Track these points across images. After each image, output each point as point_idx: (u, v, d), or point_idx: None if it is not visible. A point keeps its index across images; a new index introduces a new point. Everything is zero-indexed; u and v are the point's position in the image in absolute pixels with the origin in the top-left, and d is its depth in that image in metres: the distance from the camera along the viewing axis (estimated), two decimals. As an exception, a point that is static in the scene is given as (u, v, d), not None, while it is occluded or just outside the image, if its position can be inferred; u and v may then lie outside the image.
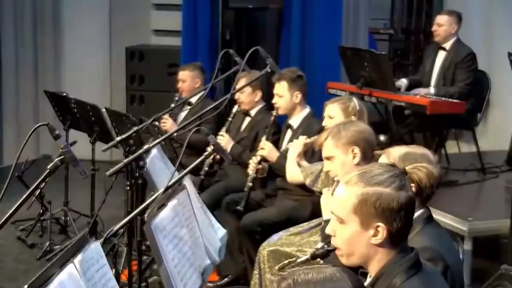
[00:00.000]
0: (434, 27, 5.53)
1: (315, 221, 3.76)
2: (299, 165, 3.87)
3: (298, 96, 4.34)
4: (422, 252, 1.96)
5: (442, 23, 5.48)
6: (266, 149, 4.25)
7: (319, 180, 3.63)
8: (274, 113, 4.40)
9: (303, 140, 3.92)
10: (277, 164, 4.22)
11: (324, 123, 3.83)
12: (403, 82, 5.56)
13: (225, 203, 4.37)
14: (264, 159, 4.28)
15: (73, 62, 7.29)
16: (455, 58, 5.42)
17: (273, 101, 4.40)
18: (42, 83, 7.04)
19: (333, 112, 3.78)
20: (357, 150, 3.00)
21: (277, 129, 4.54)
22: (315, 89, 5.45)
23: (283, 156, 4.23)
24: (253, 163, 4.27)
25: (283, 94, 4.34)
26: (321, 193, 3.46)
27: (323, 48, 6.25)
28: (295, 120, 4.38)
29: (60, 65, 7.33)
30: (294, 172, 3.86)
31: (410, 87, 5.50)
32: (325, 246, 1.97)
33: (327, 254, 2.02)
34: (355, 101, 3.75)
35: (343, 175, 2.90)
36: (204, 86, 5.03)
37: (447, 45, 5.50)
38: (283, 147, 4.36)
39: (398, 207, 1.82)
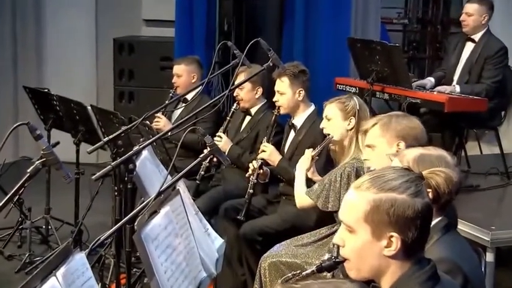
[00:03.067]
0: (463, 17, 5.50)
1: (324, 230, 3.75)
2: (313, 181, 3.82)
3: (301, 94, 4.34)
4: (439, 264, 1.95)
5: (471, 12, 5.45)
6: (267, 151, 4.25)
7: (331, 195, 3.59)
8: (275, 111, 4.40)
9: (309, 153, 3.89)
10: (279, 167, 4.22)
11: (322, 125, 3.84)
12: (429, 81, 5.51)
13: (222, 210, 4.37)
14: (265, 163, 4.28)
15: (56, 55, 7.29)
16: (486, 52, 5.37)
17: (274, 99, 4.40)
18: (22, 79, 7.05)
19: (331, 112, 3.79)
20: (402, 145, 2.99)
21: (279, 130, 4.54)
22: (321, 85, 5.46)
23: (286, 159, 4.23)
24: (253, 167, 4.27)
25: (285, 91, 4.34)
26: (336, 211, 3.46)
27: (330, 40, 6.25)
28: (298, 120, 4.38)
29: (42, 59, 7.34)
30: (304, 197, 3.75)
31: (436, 85, 5.46)
32: (333, 257, 1.97)
33: (335, 266, 2.01)
34: (355, 100, 3.76)
35: (378, 167, 2.88)
36: (201, 82, 5.02)
37: (476, 36, 5.47)
38: (286, 148, 4.36)
39: (414, 215, 1.82)
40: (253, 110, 4.83)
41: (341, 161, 3.76)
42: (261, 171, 4.26)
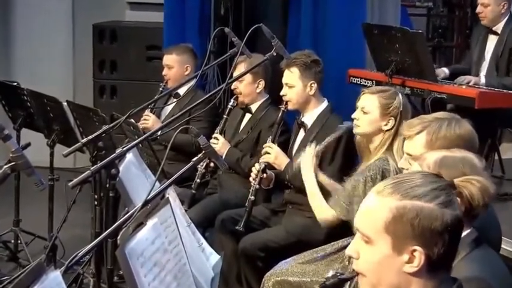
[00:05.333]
0: (479, 8, 5.54)
1: (337, 244, 3.75)
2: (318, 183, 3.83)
3: (313, 87, 4.34)
4: (468, 283, 1.96)
5: (487, 3, 5.49)
6: (272, 153, 4.26)
7: (355, 203, 3.58)
8: (282, 107, 4.40)
9: (311, 151, 3.90)
10: (286, 172, 4.22)
11: (354, 115, 3.83)
12: (443, 72, 5.55)
13: (219, 222, 4.38)
14: (269, 167, 4.28)
15: (26, 43, 7.30)
16: (510, 43, 5.41)
17: (282, 93, 4.40)
18: (-13, 71, 7.07)
19: (369, 105, 3.76)
20: None
21: (285, 129, 4.55)
22: (332, 78, 5.45)
23: (294, 162, 4.23)
24: (255, 171, 4.27)
25: (294, 84, 4.34)
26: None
27: (343, 26, 6.24)
28: (309, 117, 4.38)
29: (9, 47, 7.34)
30: (323, 208, 3.75)
31: (452, 79, 5.49)
32: (337, 274, 1.97)
33: (340, 284, 2.02)
34: (400, 99, 3.72)
35: None
36: (194, 74, 5.03)
37: (498, 28, 5.50)
38: (294, 150, 4.36)
39: (442, 228, 1.82)
40: (253, 107, 4.84)
41: (366, 160, 3.75)
42: (265, 175, 4.27)
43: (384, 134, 3.71)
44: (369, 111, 3.76)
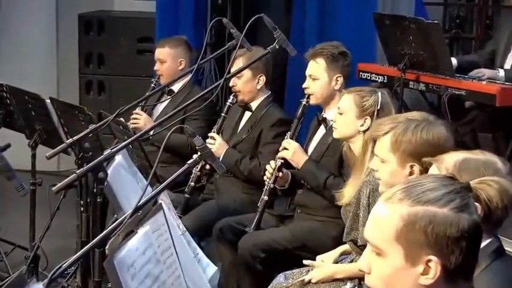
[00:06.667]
0: None
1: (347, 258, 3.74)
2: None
3: (338, 81, 4.34)
4: (490, 297, 1.96)
5: None
6: (290, 149, 4.25)
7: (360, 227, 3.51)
8: (304, 101, 4.38)
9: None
10: (304, 171, 4.21)
11: (332, 117, 3.85)
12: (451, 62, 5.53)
13: (217, 231, 4.37)
14: (286, 164, 4.27)
15: (5, 35, 7.30)
16: None
17: (304, 85, 4.39)
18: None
19: (344, 105, 3.80)
20: (416, 169, 3.01)
21: (286, 130, 4.52)
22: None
23: (313, 160, 4.22)
24: (271, 169, 4.26)
25: (319, 76, 4.34)
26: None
27: (351, 16, 6.25)
28: (331, 114, 4.29)
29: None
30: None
31: (460, 72, 5.47)
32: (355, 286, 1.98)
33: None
34: (378, 96, 3.73)
35: (388, 187, 2.89)
36: (189, 69, 5.04)
37: None
38: (311, 149, 4.35)
39: (459, 235, 1.82)
40: (254, 104, 4.84)
41: (355, 173, 3.70)
42: (281, 174, 4.26)
43: (364, 136, 3.68)
44: (343, 112, 3.79)
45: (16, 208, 5.12)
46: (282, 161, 4.26)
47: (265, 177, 4.29)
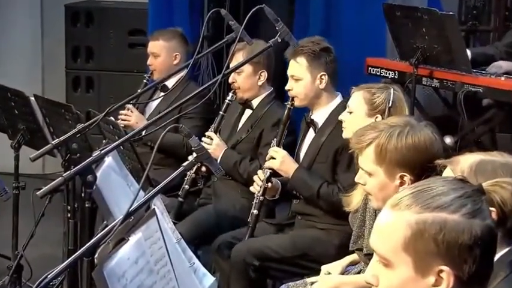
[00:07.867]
0: None
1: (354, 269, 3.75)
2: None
3: (323, 79, 4.35)
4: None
5: None
6: (278, 158, 4.26)
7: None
8: (288, 104, 4.40)
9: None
10: (294, 180, 4.22)
11: (340, 117, 3.87)
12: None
13: (216, 245, 4.36)
14: (274, 174, 4.28)
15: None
16: None
17: (287, 87, 4.41)
18: None
19: (354, 103, 3.80)
20: (407, 178, 3.03)
21: (291, 129, 4.55)
22: (348, 69, 5.46)
23: (304, 168, 4.24)
24: (259, 180, 4.28)
25: (302, 76, 4.35)
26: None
27: (359, 7, 6.26)
28: (319, 115, 4.36)
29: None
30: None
31: (473, 65, 5.47)
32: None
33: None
34: (390, 92, 3.74)
35: (379, 203, 2.93)
36: (185, 63, 5.04)
37: None
38: (302, 154, 4.36)
39: (471, 242, 1.83)
40: (254, 102, 4.85)
41: None
42: (269, 184, 4.27)
43: None
44: (353, 110, 3.80)
45: (-2, 214, 5.13)
46: (270, 171, 4.27)
47: (252, 189, 4.30)
